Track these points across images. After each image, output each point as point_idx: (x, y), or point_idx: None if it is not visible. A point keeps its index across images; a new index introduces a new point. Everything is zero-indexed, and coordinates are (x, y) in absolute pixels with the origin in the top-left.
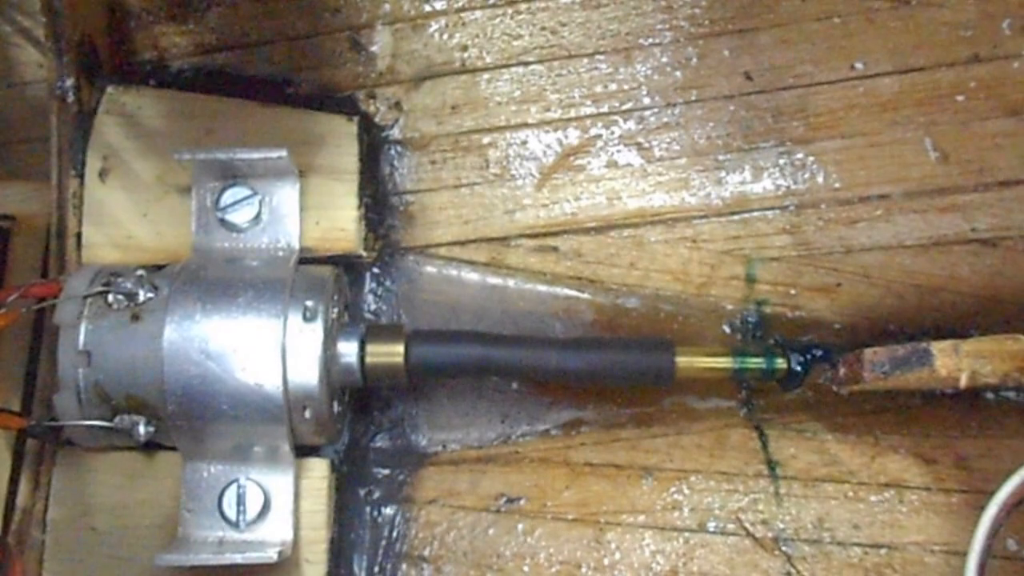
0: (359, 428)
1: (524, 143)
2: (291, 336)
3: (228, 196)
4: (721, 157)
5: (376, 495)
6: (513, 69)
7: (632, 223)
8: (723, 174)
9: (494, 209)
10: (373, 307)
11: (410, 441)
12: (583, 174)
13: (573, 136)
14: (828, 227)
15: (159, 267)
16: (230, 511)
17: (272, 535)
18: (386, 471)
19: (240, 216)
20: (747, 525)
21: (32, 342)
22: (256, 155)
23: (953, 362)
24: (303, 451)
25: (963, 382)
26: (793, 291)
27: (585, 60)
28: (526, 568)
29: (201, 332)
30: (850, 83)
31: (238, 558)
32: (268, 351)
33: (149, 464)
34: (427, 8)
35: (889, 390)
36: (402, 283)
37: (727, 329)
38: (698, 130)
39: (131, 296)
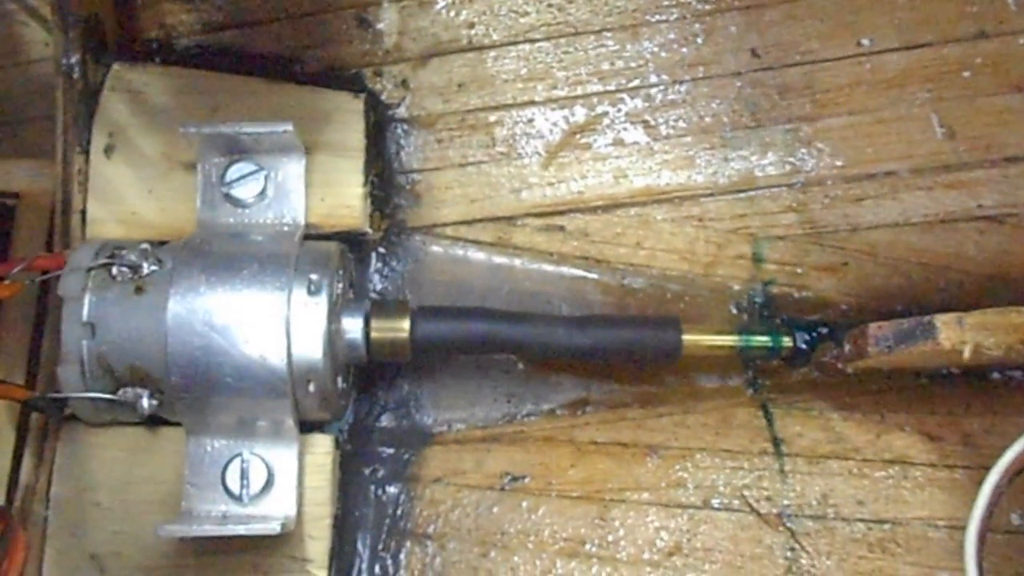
0: (364, 407)
1: (530, 121)
2: (295, 309)
3: (233, 171)
4: (727, 135)
5: (381, 474)
6: (520, 46)
7: (639, 202)
8: (729, 152)
9: (500, 188)
10: (379, 287)
11: (415, 421)
12: (589, 152)
13: (579, 114)
14: (834, 205)
15: (163, 242)
16: (234, 485)
17: (276, 510)
18: (391, 450)
19: (245, 191)
20: (751, 501)
21: (36, 316)
22: (262, 129)
23: (957, 334)
24: (307, 427)
25: (967, 354)
26: (800, 270)
27: (592, 37)
28: (530, 545)
29: (205, 304)
30: (856, 59)
31: (241, 529)
32: (272, 324)
33: (152, 440)
34: None
35: (895, 368)
36: (408, 263)
37: (734, 310)
38: (704, 107)
39: (135, 268)
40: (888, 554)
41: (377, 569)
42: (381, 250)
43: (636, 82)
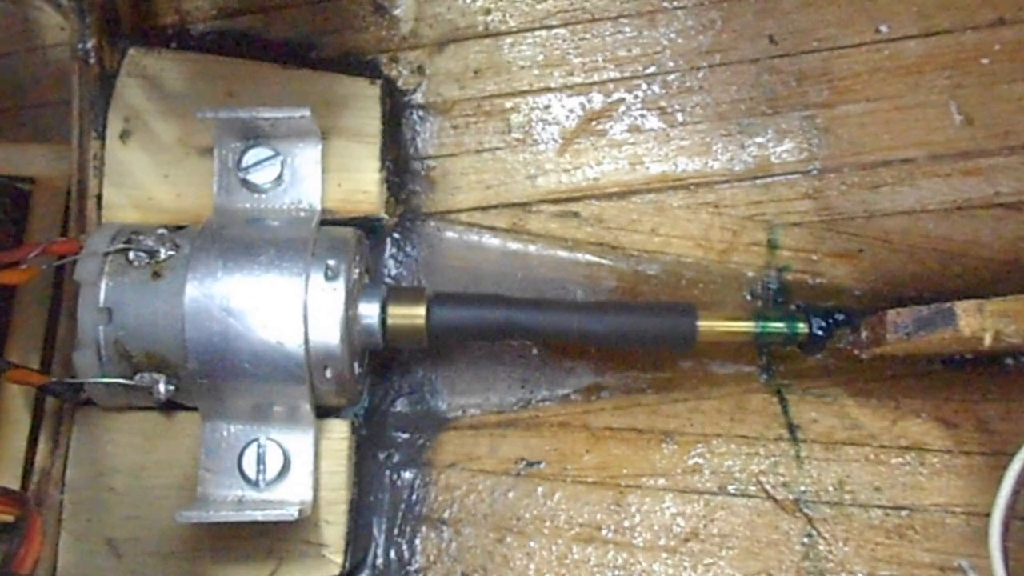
0: (379, 393)
1: (547, 108)
2: (313, 294)
3: (250, 156)
4: (744, 121)
5: (396, 459)
6: (536, 33)
7: (654, 188)
8: (746, 138)
9: (516, 174)
10: (394, 273)
11: (430, 406)
12: (605, 139)
13: (596, 101)
14: (851, 192)
15: (179, 227)
16: (250, 470)
17: (292, 495)
18: (405, 435)
19: (262, 176)
20: (768, 487)
21: (52, 302)
22: (279, 114)
23: (977, 321)
24: (323, 412)
25: (987, 341)
26: (815, 257)
27: (609, 24)
28: (546, 530)
29: (222, 289)
30: (874, 46)
31: (258, 515)
32: (290, 309)
33: (167, 425)
34: None
35: (910, 355)
36: (423, 249)
37: (748, 296)
38: (721, 94)
39: (152, 253)
40: (905, 540)
41: (392, 554)
42: (396, 236)
43: (653, 69)
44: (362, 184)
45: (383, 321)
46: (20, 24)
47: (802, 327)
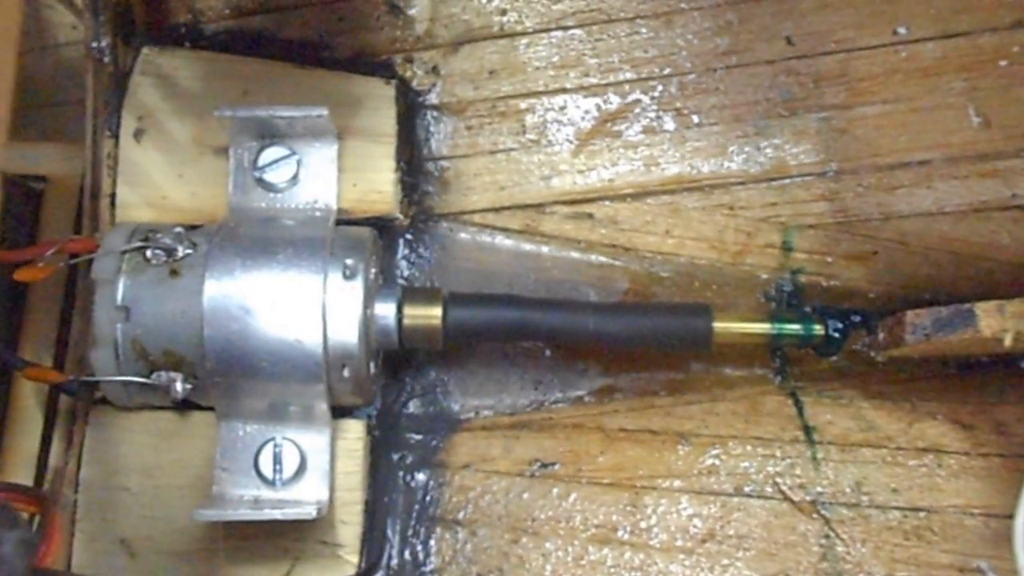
0: (391, 394)
1: (562, 109)
2: (331, 293)
3: (266, 156)
4: (760, 123)
5: (409, 460)
6: (552, 34)
7: (669, 190)
8: (762, 140)
9: (530, 175)
10: (406, 273)
11: (442, 407)
12: (620, 140)
13: (612, 102)
14: (867, 194)
15: (195, 226)
16: (266, 470)
17: (308, 494)
18: (419, 436)
19: (278, 176)
20: (784, 489)
21: (64, 301)
22: (297, 113)
23: (998, 322)
24: (338, 413)
25: (1007, 342)
26: (829, 259)
27: (625, 25)
28: (561, 531)
29: (241, 288)
30: (892, 48)
31: (276, 514)
32: (309, 308)
33: (182, 424)
34: None
35: (926, 357)
36: (435, 250)
37: (762, 299)
38: (738, 95)
39: (170, 251)
40: (924, 542)
41: (407, 555)
42: (408, 236)
43: (669, 70)
44: (377, 184)
45: (399, 321)
46: (33, 23)
47: (818, 329)
